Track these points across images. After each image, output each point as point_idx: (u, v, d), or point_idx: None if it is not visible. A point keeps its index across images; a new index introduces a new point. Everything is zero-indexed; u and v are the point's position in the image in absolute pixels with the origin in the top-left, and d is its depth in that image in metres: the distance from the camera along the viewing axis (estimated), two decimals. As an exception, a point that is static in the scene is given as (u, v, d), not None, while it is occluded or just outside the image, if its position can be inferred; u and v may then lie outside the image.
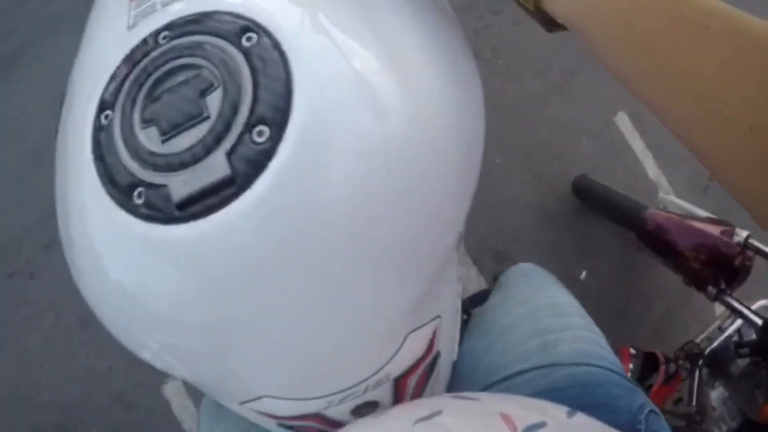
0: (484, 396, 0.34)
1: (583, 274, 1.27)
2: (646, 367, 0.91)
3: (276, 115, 0.23)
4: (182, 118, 0.24)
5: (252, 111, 0.24)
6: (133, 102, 0.26)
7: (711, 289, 0.91)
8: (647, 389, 0.88)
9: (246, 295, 0.25)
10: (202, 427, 0.48)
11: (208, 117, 0.24)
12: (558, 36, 0.31)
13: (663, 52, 0.24)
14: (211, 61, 0.25)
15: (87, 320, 1.11)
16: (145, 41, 0.26)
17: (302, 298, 0.25)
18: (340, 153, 0.24)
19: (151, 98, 0.25)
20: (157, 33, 0.26)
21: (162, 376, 1.10)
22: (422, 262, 0.29)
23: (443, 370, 0.40)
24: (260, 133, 0.23)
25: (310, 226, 0.24)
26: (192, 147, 0.24)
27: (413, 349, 0.33)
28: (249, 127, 0.23)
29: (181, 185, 0.24)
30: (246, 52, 0.24)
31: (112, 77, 0.27)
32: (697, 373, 0.86)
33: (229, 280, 0.24)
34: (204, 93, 0.24)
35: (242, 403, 0.32)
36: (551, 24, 0.29)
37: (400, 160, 0.26)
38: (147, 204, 0.24)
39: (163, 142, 0.24)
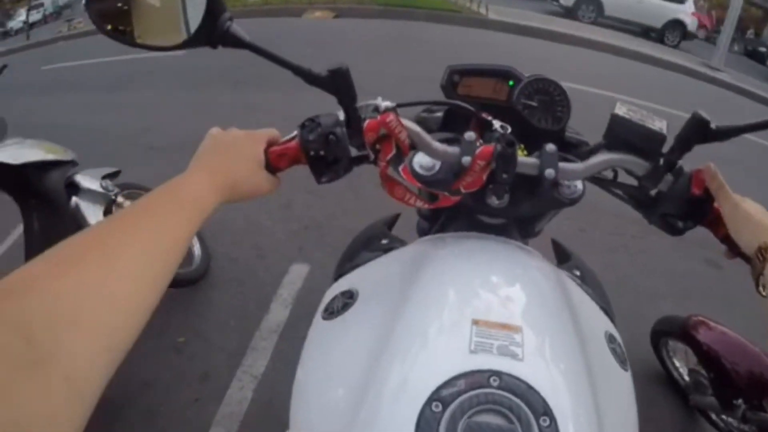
0: None
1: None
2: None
3: None
4: None
5: None
6: (462, 414, 0.39)
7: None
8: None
9: None
10: None
11: None
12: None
13: None
14: (521, 427, 0.39)
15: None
16: (481, 373, 0.41)
17: None
18: None
19: (474, 420, 0.39)
20: (491, 373, 0.41)
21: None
22: None
23: None
24: None
25: None
26: None
27: None
28: None
29: None
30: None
31: (450, 382, 0.41)
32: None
33: None
34: None
35: None
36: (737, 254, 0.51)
37: None
38: None
39: None
